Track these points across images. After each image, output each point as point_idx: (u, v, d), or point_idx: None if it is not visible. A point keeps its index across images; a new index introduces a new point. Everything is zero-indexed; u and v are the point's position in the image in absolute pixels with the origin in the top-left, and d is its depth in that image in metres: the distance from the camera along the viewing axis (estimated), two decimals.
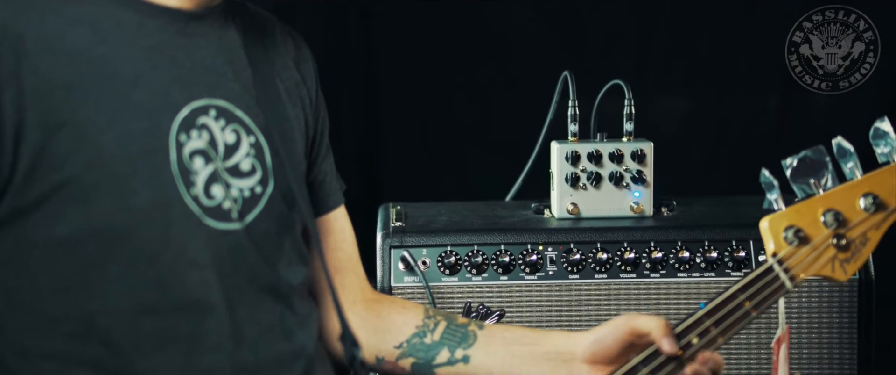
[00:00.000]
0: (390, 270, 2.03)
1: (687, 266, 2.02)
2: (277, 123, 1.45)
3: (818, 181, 1.35)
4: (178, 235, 1.31)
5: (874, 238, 1.33)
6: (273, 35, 1.54)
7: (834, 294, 1.99)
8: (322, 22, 2.81)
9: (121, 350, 1.29)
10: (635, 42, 2.85)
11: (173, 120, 1.31)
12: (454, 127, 2.86)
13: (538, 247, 2.03)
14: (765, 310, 1.34)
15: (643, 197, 2.14)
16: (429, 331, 1.61)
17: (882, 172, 1.34)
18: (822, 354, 2.00)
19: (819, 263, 1.33)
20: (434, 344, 1.59)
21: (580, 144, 2.14)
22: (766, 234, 1.35)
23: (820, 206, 1.34)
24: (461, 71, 2.85)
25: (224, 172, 1.37)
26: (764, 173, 1.36)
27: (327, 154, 1.65)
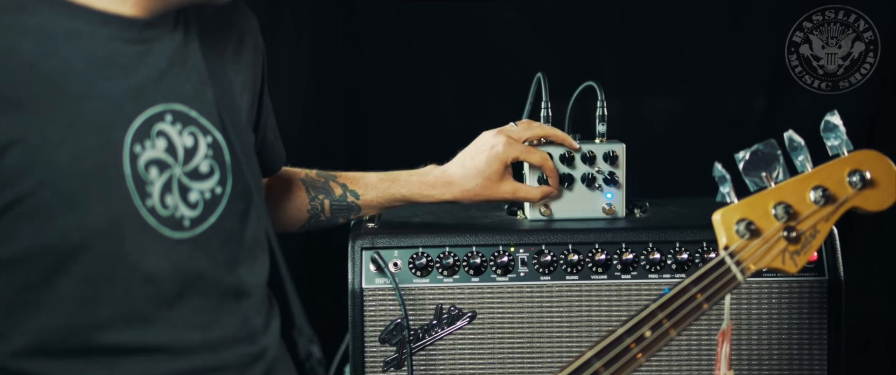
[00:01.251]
0: (361, 271, 2.08)
1: (658, 268, 2.07)
2: (232, 117, 1.47)
3: (770, 175, 1.40)
4: (133, 249, 1.32)
5: (824, 230, 1.39)
6: (220, 17, 1.54)
7: (804, 294, 2.04)
8: (309, 22, 2.87)
9: (77, 368, 1.30)
10: (622, 43, 2.91)
11: (126, 132, 1.31)
12: (440, 128, 2.92)
13: (510, 248, 2.09)
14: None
15: (615, 198, 2.19)
16: (320, 213, 2.01)
17: (831, 165, 1.39)
18: (791, 355, 2.05)
19: (770, 255, 1.38)
20: (328, 219, 2.03)
21: (553, 145, 2.20)
22: (719, 227, 1.40)
23: (771, 199, 1.39)
24: (448, 72, 2.91)
25: (184, 176, 1.38)
26: (717, 166, 1.41)
27: (269, 120, 1.77)
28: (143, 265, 1.32)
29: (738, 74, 2.87)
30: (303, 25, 2.87)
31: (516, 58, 2.88)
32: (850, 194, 1.38)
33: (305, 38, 2.88)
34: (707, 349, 2.05)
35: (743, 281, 1.38)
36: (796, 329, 2.05)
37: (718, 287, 1.38)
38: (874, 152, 1.39)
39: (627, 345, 1.38)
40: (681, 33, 2.88)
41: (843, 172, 1.38)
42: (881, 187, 1.37)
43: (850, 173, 1.38)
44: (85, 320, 1.30)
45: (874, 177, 1.37)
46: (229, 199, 1.44)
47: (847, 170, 1.38)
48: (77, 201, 1.27)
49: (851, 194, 1.38)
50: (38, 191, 1.25)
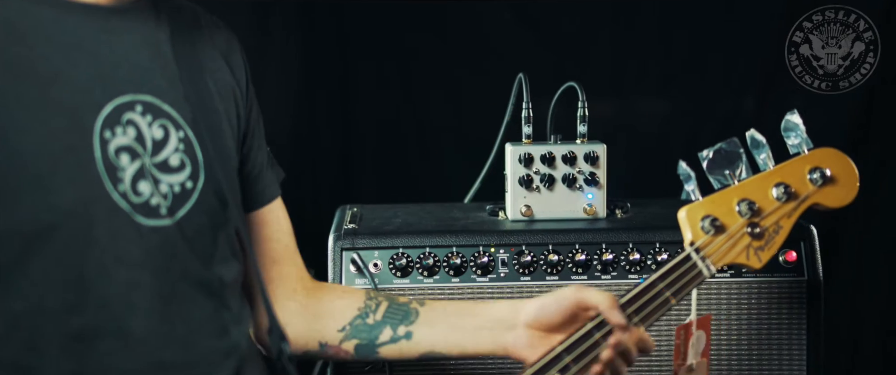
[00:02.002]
0: (342, 272, 2.12)
1: (638, 268, 2.10)
2: (206, 117, 1.49)
3: (733, 172, 1.44)
4: (103, 232, 1.33)
5: (787, 226, 1.42)
6: (200, 28, 1.58)
7: (783, 294, 2.07)
8: (298, 22, 2.90)
9: (44, 350, 1.32)
10: (611, 43, 2.95)
11: (97, 117, 1.33)
12: (430, 128, 2.96)
13: (490, 249, 2.12)
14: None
15: (596, 199, 2.23)
16: (371, 312, 1.69)
17: (793, 162, 1.43)
18: (771, 354, 2.08)
19: (735, 251, 1.42)
20: (377, 324, 1.68)
21: (533, 146, 2.24)
22: (684, 224, 1.44)
23: (735, 196, 1.43)
24: (437, 72, 2.94)
25: (152, 168, 1.40)
26: (681, 165, 1.45)
27: (261, 147, 1.70)
28: (113, 249, 1.34)
29: (729, 75, 2.91)
30: (291, 26, 2.90)
31: (507, 57, 2.91)
32: (811, 190, 1.42)
33: (294, 39, 2.92)
34: None
35: (708, 276, 1.42)
36: (776, 329, 2.08)
37: (685, 282, 1.42)
38: (834, 150, 1.42)
39: (596, 339, 1.42)
40: (672, 33, 2.92)
41: (804, 169, 1.42)
42: (841, 184, 1.41)
43: (810, 171, 1.42)
44: (55, 303, 1.31)
45: (834, 174, 1.41)
46: (200, 194, 1.46)
47: (808, 167, 1.42)
48: (46, 183, 1.28)
49: (812, 190, 1.42)
50: (7, 173, 1.26)
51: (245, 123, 1.63)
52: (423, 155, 2.96)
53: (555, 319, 1.53)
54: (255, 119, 1.67)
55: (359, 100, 2.95)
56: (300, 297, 1.72)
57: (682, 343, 1.46)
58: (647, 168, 2.87)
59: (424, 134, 2.96)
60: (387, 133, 2.97)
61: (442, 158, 2.94)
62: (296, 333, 1.69)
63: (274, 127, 2.95)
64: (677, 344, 1.46)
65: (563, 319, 1.52)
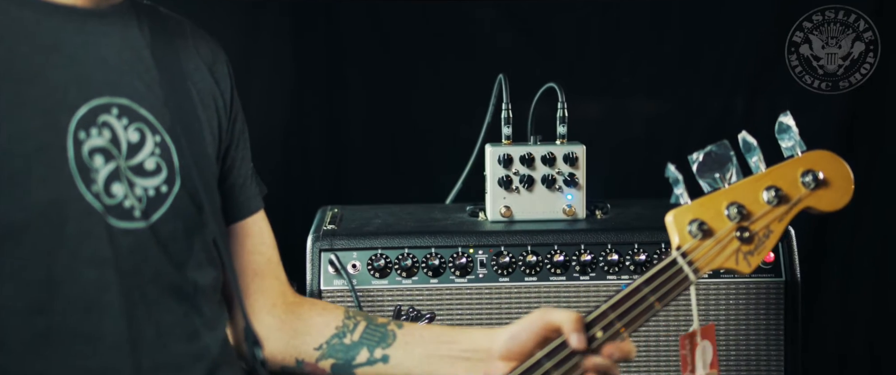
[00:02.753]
0: (320, 273, 2.03)
1: (616, 269, 2.02)
2: (185, 124, 1.44)
3: (723, 175, 1.36)
4: (74, 233, 1.29)
5: (777, 231, 1.34)
6: (185, 38, 1.53)
7: (761, 295, 2.00)
8: (289, 22, 2.81)
9: (11, 350, 1.26)
10: (601, 44, 2.85)
11: (71, 118, 1.30)
12: (420, 128, 2.86)
13: (468, 250, 2.04)
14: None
15: (575, 200, 2.15)
16: (348, 332, 1.60)
17: (784, 165, 1.35)
18: (749, 355, 2.01)
19: (723, 256, 1.34)
20: (353, 345, 1.59)
21: (513, 146, 2.15)
22: (671, 228, 1.36)
23: (724, 199, 1.35)
24: (426, 72, 2.85)
25: (127, 170, 1.35)
26: (669, 167, 1.37)
27: (245, 158, 1.63)
28: (83, 249, 1.29)
29: (719, 75, 2.81)
30: (282, 25, 2.81)
31: (496, 58, 2.81)
32: (804, 194, 1.34)
33: (285, 40, 2.82)
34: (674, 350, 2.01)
35: (695, 281, 1.34)
36: (754, 330, 2.01)
37: (671, 287, 1.33)
38: (827, 152, 1.34)
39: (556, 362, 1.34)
40: (661, 34, 2.82)
41: (797, 172, 1.34)
42: (834, 188, 1.33)
43: (803, 174, 1.34)
44: (23, 303, 1.27)
45: (827, 177, 1.33)
46: (176, 199, 1.40)
47: (800, 170, 1.34)
48: (18, 182, 1.24)
49: (805, 194, 1.34)
50: None
51: (228, 134, 1.58)
52: (412, 155, 2.88)
53: (527, 346, 1.43)
54: (239, 131, 1.61)
55: (348, 100, 2.86)
56: (280, 312, 1.64)
57: (688, 354, 1.37)
58: (637, 168, 2.80)
59: (413, 134, 2.87)
60: (376, 133, 2.88)
61: (431, 158, 2.85)
62: (274, 347, 1.62)
63: (264, 127, 2.90)
64: (683, 355, 1.37)
65: (534, 344, 1.42)
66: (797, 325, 1.99)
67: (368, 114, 2.87)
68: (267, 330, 1.62)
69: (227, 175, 1.59)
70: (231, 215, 1.60)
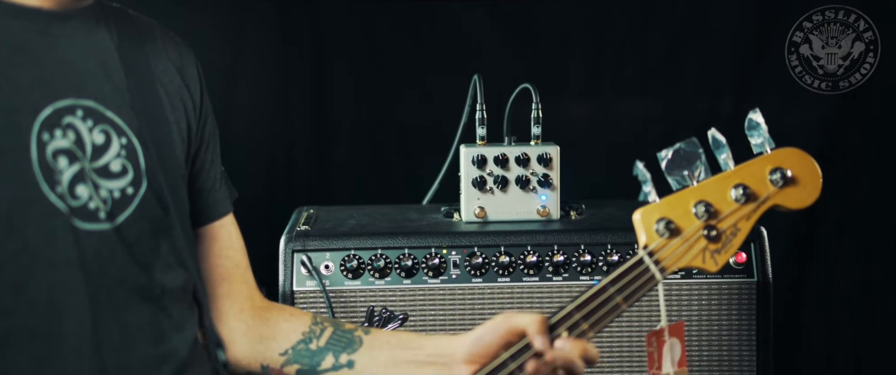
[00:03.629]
0: (292, 274, 1.95)
1: (589, 269, 1.95)
2: (153, 126, 1.40)
3: (692, 173, 1.29)
4: (38, 234, 1.24)
5: (745, 229, 1.27)
6: (153, 40, 1.48)
7: (733, 296, 1.93)
8: (275, 21, 2.74)
9: None
10: (588, 45, 2.78)
11: (35, 119, 1.25)
12: (405, 128, 2.79)
13: (442, 251, 1.96)
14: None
15: (550, 200, 2.07)
16: (314, 338, 1.55)
17: (753, 163, 1.29)
18: (721, 356, 1.94)
19: (690, 254, 1.27)
20: (319, 350, 1.53)
21: (487, 147, 2.08)
22: (639, 226, 1.29)
23: (692, 198, 1.28)
24: (413, 73, 2.78)
25: (92, 172, 1.31)
26: (638, 165, 1.30)
27: (215, 161, 1.58)
28: (47, 251, 1.25)
29: (705, 76, 2.74)
30: (268, 25, 2.74)
31: (483, 58, 2.75)
32: (772, 191, 1.27)
33: (271, 40, 2.76)
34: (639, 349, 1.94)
35: (661, 280, 1.27)
36: (726, 331, 1.94)
37: (637, 287, 1.26)
38: (796, 149, 1.28)
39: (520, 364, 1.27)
40: (648, 35, 2.75)
41: (765, 170, 1.27)
42: (803, 185, 1.26)
43: (771, 171, 1.27)
44: None
45: (796, 175, 1.26)
46: (142, 201, 1.35)
47: (769, 168, 1.27)
48: None
49: (773, 191, 1.27)
50: None
51: (198, 136, 1.52)
52: (397, 156, 2.80)
53: (491, 349, 1.37)
54: (209, 134, 1.56)
55: (334, 100, 2.79)
56: (247, 317, 1.58)
57: (654, 351, 1.30)
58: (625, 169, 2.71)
59: (399, 135, 2.80)
60: (361, 134, 2.80)
61: (416, 159, 2.78)
62: (240, 352, 1.56)
63: (250, 128, 2.84)
64: (650, 352, 1.30)
65: (498, 348, 1.36)
66: (769, 325, 1.92)
67: (354, 115, 2.80)
68: (233, 334, 1.56)
69: (196, 178, 1.53)
70: (200, 218, 1.55)
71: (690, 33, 2.73)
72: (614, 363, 1.96)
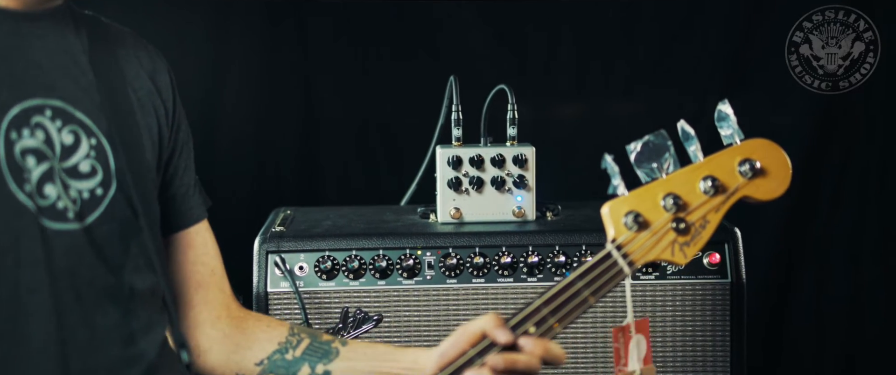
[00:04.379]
0: (267, 275, 1.90)
1: (563, 270, 1.90)
2: (123, 128, 1.36)
3: (660, 165, 1.24)
4: (5, 233, 1.20)
5: (714, 221, 1.22)
6: (125, 47, 1.45)
7: (707, 296, 1.88)
8: (260, 24, 2.69)
9: None
10: (576, 46, 2.73)
11: (2, 118, 1.22)
12: (392, 129, 2.74)
13: (416, 252, 1.91)
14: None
15: (525, 201, 2.02)
16: (291, 348, 1.50)
17: (722, 154, 1.24)
18: (695, 356, 1.89)
19: (659, 248, 1.22)
20: (295, 360, 1.49)
21: (462, 148, 2.03)
22: (607, 220, 1.24)
23: (660, 190, 1.23)
24: (401, 74, 2.73)
25: (62, 172, 1.27)
26: (606, 158, 1.25)
27: (188, 168, 1.53)
28: (14, 250, 1.21)
29: (694, 75, 2.69)
30: (253, 27, 2.69)
31: (470, 60, 2.71)
32: (741, 183, 1.22)
33: (256, 40, 2.71)
34: None
35: (630, 274, 1.22)
36: (700, 331, 1.89)
37: (605, 281, 1.21)
38: (765, 140, 1.23)
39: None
40: (635, 36, 2.71)
41: (734, 161, 1.23)
42: (772, 176, 1.21)
43: (740, 163, 1.22)
44: None
45: (765, 166, 1.21)
46: (111, 202, 1.32)
47: (738, 159, 1.22)
48: None
49: (742, 183, 1.22)
50: None
51: (171, 143, 1.48)
52: (384, 156, 2.74)
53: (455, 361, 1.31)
54: (182, 141, 1.51)
55: (321, 102, 2.74)
56: (224, 325, 1.53)
57: (621, 347, 1.25)
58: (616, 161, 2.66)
59: (386, 135, 2.74)
60: (349, 135, 2.75)
61: (403, 159, 2.73)
62: (216, 360, 1.51)
63: (236, 129, 2.79)
64: (616, 347, 1.25)
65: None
66: (742, 325, 1.87)
67: (340, 115, 2.75)
68: (209, 342, 1.51)
69: (169, 184, 1.49)
70: (173, 224, 1.50)
71: (678, 34, 2.69)
72: (581, 359, 1.90)
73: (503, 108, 2.07)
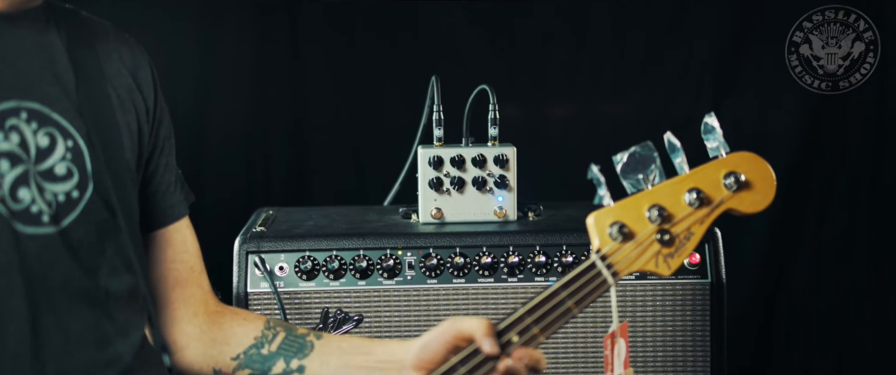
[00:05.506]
0: (246, 275, 1.87)
1: (544, 270, 1.89)
2: (102, 129, 1.32)
3: (646, 177, 1.23)
4: None
5: (698, 233, 1.21)
6: (105, 42, 1.40)
7: (686, 297, 1.88)
8: (251, 25, 2.66)
9: None
10: (566, 47, 2.71)
11: None
12: (382, 129, 2.70)
13: (397, 252, 1.89)
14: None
15: (506, 201, 2.01)
16: (267, 342, 1.48)
17: (707, 167, 1.23)
18: (675, 356, 1.89)
19: (643, 259, 1.21)
20: (271, 355, 1.47)
21: (443, 148, 2.01)
22: (592, 230, 1.22)
23: (646, 201, 1.22)
24: (391, 74, 2.70)
25: (37, 175, 1.24)
26: (592, 168, 1.24)
27: (169, 165, 1.50)
28: None
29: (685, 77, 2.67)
30: (244, 28, 2.65)
31: (461, 59, 2.68)
32: (726, 195, 1.21)
33: (247, 41, 2.67)
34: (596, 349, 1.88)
35: (613, 285, 1.21)
36: (680, 331, 1.89)
37: (589, 291, 1.20)
38: (750, 153, 1.22)
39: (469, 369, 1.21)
40: (624, 37, 2.69)
41: (719, 174, 1.22)
42: (757, 189, 1.21)
43: (725, 176, 1.21)
44: None
45: (750, 179, 1.21)
46: (87, 204, 1.28)
47: (723, 172, 1.21)
48: None
49: (726, 196, 1.21)
50: None
51: (151, 140, 1.44)
52: (375, 156, 2.71)
53: (438, 355, 1.31)
54: (164, 137, 1.48)
55: (311, 101, 2.71)
56: (201, 321, 1.50)
57: (610, 353, 1.24)
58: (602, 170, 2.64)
59: (377, 135, 2.71)
60: (339, 134, 2.72)
61: (394, 159, 2.70)
62: (192, 356, 1.49)
63: (226, 128, 2.74)
64: (606, 355, 1.24)
65: (445, 353, 1.30)
66: (722, 325, 1.87)
67: (332, 115, 2.72)
68: (187, 339, 1.49)
69: (149, 181, 1.45)
70: (154, 222, 1.47)
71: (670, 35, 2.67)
72: (569, 364, 1.90)
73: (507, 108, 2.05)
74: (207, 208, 2.63)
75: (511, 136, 2.06)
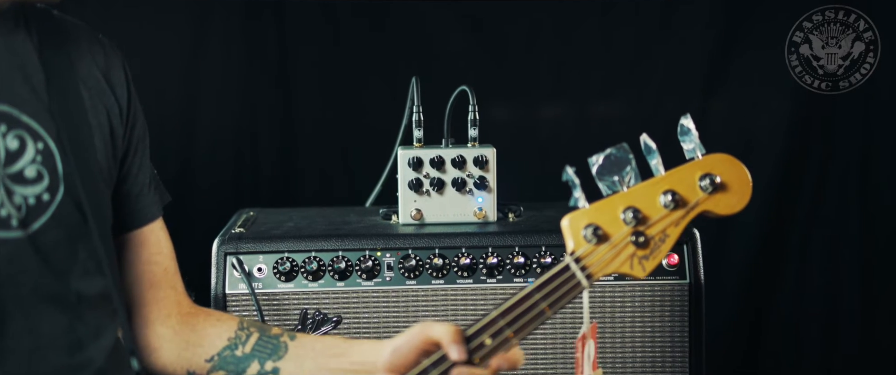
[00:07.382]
0: (225, 277, 1.84)
1: (523, 271, 1.86)
2: (73, 130, 1.29)
3: (622, 178, 1.20)
4: None
5: (673, 235, 1.19)
6: (78, 42, 1.37)
7: (665, 298, 1.85)
8: (239, 24, 2.62)
9: None
10: (556, 47, 2.68)
11: None
12: (370, 130, 2.66)
13: (376, 253, 1.86)
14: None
15: (486, 203, 1.98)
16: (240, 344, 1.45)
17: (683, 169, 1.20)
18: (654, 357, 1.86)
19: (618, 261, 1.18)
20: (245, 357, 1.43)
21: (423, 149, 1.98)
22: (567, 232, 1.20)
23: (621, 203, 1.19)
24: (381, 74, 2.66)
25: (6, 179, 1.20)
26: (567, 170, 1.21)
27: (144, 166, 1.46)
28: None
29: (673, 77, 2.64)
30: (232, 25, 2.61)
31: (449, 60, 2.64)
32: (701, 197, 1.18)
33: (235, 38, 2.63)
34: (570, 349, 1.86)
35: (588, 287, 1.18)
36: (659, 332, 1.86)
37: (562, 293, 1.17)
38: (726, 155, 1.19)
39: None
40: (613, 38, 2.65)
41: (695, 176, 1.19)
42: (732, 191, 1.18)
43: (701, 177, 1.18)
44: None
45: (725, 181, 1.18)
46: (58, 207, 1.25)
47: (698, 174, 1.19)
48: None
49: (702, 198, 1.18)
50: None
51: (125, 141, 1.41)
52: (363, 156, 2.68)
53: (409, 359, 1.28)
54: (138, 137, 1.44)
55: (300, 100, 2.67)
56: (174, 323, 1.47)
57: (581, 356, 1.22)
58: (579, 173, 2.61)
59: (364, 136, 2.67)
60: (327, 135, 2.69)
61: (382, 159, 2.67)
62: (166, 358, 1.46)
63: (214, 127, 2.69)
64: (577, 357, 1.22)
65: (416, 357, 1.27)
66: (701, 326, 1.85)
67: (319, 116, 2.69)
68: (160, 341, 1.46)
69: (123, 182, 1.42)
70: (127, 223, 1.44)
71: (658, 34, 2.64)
72: (548, 364, 1.87)
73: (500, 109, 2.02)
74: (194, 208, 2.60)
75: (499, 137, 2.03)
